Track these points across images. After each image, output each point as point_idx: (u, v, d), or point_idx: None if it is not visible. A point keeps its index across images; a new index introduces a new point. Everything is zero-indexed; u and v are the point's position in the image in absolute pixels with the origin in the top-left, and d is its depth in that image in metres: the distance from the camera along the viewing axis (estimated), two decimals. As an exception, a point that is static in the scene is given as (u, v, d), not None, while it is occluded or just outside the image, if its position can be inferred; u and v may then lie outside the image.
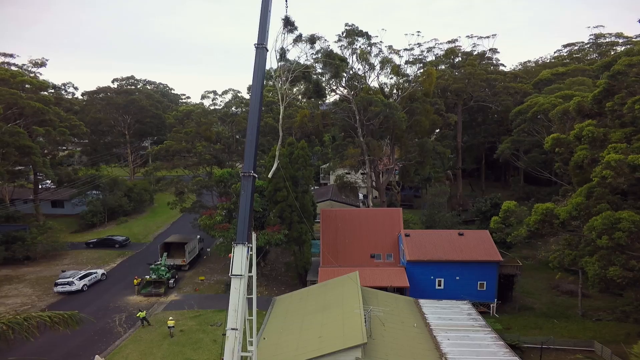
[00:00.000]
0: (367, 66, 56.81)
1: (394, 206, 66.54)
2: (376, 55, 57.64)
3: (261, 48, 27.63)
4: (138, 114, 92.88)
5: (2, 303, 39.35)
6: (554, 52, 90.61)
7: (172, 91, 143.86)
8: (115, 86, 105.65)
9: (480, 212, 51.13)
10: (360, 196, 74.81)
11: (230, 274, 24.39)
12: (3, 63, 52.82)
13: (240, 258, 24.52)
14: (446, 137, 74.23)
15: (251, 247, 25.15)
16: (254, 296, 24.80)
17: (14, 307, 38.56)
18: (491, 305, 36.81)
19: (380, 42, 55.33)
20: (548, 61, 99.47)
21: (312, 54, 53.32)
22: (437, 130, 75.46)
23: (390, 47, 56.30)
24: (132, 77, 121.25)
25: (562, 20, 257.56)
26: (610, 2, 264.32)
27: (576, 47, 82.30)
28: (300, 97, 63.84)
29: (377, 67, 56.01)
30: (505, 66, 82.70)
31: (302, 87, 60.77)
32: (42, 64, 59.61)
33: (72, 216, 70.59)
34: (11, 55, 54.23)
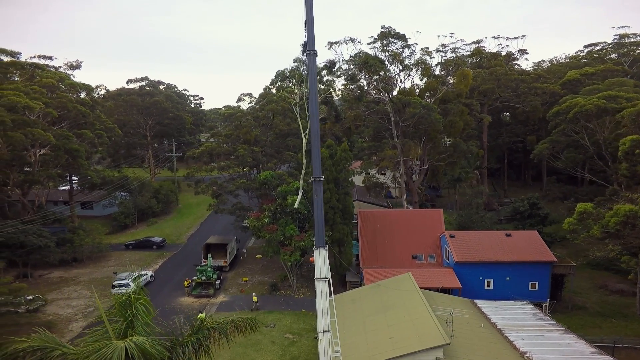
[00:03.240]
0: (400, 67, 57.41)
1: (425, 206, 67.29)
2: (408, 57, 58.31)
3: (313, 55, 28.52)
4: (159, 115, 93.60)
5: (68, 305, 40.24)
6: (575, 52, 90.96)
7: (186, 92, 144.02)
8: (131, 87, 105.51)
9: (517, 212, 51.74)
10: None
11: (315, 277, 25.15)
12: (31, 65, 53.16)
13: (323, 261, 25.29)
14: (471, 137, 74.84)
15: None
16: (333, 298, 25.52)
17: (79, 309, 39.35)
18: (543, 305, 37.46)
19: (415, 43, 55.75)
20: (563, 61, 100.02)
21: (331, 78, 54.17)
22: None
23: (426, 49, 56.88)
24: (147, 77, 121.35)
25: (555, 19, 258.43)
26: (602, 1, 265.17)
27: (598, 47, 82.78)
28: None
29: (413, 69, 56.66)
30: (520, 66, 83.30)
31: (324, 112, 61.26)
32: (77, 66, 60.22)
33: (102, 217, 71.39)
34: (50, 58, 54.89)
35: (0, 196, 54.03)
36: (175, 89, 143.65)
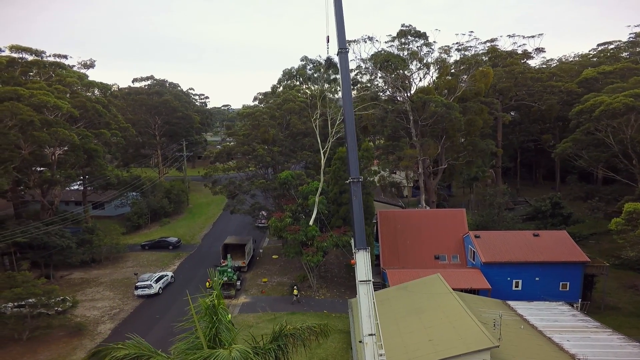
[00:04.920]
0: (419, 65, 56.77)
1: (442, 206, 66.72)
2: (426, 55, 57.64)
3: (344, 53, 28.04)
4: (168, 115, 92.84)
5: (93, 306, 39.79)
6: (589, 50, 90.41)
7: (192, 91, 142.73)
8: (137, 86, 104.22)
9: (539, 211, 51.19)
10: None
11: (357, 280, 24.53)
12: (52, 64, 52.46)
13: (365, 264, 24.67)
14: (486, 136, 74.19)
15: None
16: (374, 300, 24.92)
17: (105, 310, 38.83)
18: (575, 306, 36.92)
19: (434, 42, 55.08)
20: (572, 59, 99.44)
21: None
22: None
23: (445, 47, 56.30)
24: (152, 76, 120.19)
25: (551, 18, 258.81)
26: (597, 1, 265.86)
27: (612, 46, 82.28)
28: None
29: (431, 68, 56.08)
30: (529, 64, 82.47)
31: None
32: (91, 65, 59.47)
33: (113, 217, 70.64)
34: (65, 57, 54.07)
35: (15, 196, 53.44)
36: (179, 87, 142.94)
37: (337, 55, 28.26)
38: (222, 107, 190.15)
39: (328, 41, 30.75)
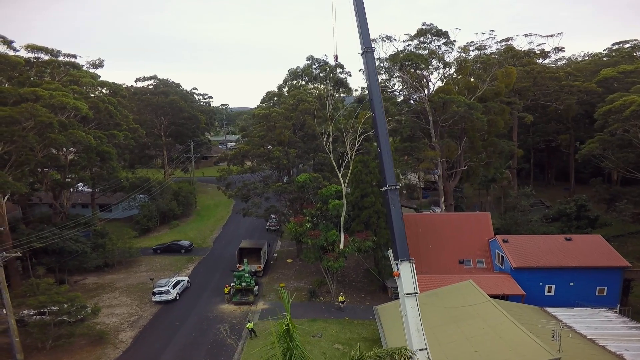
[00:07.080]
0: (440, 64, 55.37)
1: (460, 209, 65.24)
2: (444, 53, 56.23)
3: (370, 52, 26.52)
4: (174, 115, 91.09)
5: (112, 313, 38.33)
6: (604, 49, 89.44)
7: (195, 91, 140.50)
8: (139, 86, 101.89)
9: (563, 213, 49.80)
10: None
11: (401, 293, 22.99)
12: (67, 64, 50.87)
13: (411, 275, 23.12)
14: (501, 137, 72.80)
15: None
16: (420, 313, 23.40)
17: (124, 317, 37.36)
18: (613, 311, 35.54)
19: (455, 40, 53.66)
20: (582, 59, 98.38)
21: None
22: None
23: (465, 46, 54.91)
24: (155, 76, 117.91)
25: (546, 18, 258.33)
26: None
27: (627, 45, 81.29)
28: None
29: (452, 67, 54.69)
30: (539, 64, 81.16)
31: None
32: (100, 65, 57.67)
33: (121, 220, 68.99)
34: (74, 56, 52.28)
35: (23, 199, 51.76)
36: (181, 87, 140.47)
37: (362, 55, 26.83)
38: (220, 107, 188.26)
39: (336, 60, 30.08)
